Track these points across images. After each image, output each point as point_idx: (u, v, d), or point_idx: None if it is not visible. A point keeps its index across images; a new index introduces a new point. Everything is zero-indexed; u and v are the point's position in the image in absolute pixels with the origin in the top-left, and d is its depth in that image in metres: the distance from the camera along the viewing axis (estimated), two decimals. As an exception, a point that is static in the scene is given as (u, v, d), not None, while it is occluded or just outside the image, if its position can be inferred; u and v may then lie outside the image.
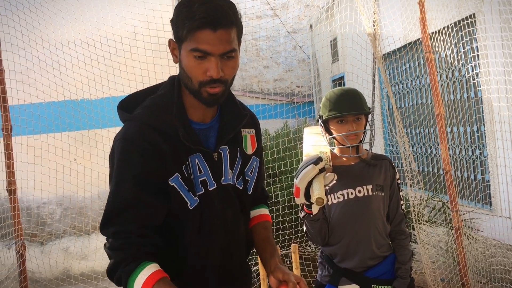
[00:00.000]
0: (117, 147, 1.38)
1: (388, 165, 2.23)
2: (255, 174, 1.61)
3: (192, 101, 1.45)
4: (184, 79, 1.41)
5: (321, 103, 2.25)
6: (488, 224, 4.45)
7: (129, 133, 1.38)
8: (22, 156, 4.39)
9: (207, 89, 1.36)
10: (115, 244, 1.32)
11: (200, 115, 1.48)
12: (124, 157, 1.36)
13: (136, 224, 1.32)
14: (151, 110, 1.41)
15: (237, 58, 1.41)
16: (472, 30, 4.42)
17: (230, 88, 1.55)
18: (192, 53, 1.34)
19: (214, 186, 1.47)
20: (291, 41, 11.59)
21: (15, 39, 4.23)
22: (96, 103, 5.28)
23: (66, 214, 5.66)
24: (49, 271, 5.19)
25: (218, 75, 1.34)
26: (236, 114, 1.55)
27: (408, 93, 6.32)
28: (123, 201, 1.33)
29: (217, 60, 1.33)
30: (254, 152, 1.61)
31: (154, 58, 4.78)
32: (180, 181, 1.39)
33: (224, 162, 1.50)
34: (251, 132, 1.62)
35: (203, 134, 1.48)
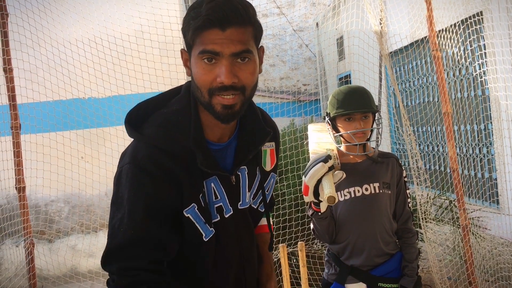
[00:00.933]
0: (125, 173, 1.21)
1: (395, 163, 2.23)
2: (271, 191, 1.49)
3: (208, 119, 1.27)
4: (195, 91, 1.23)
5: (328, 101, 2.25)
6: (495, 223, 4.44)
7: (139, 158, 1.21)
8: (30, 154, 4.43)
9: (219, 98, 1.18)
10: (121, 282, 1.16)
11: (217, 134, 1.31)
12: (135, 186, 1.19)
13: (147, 260, 1.18)
14: (164, 130, 1.23)
15: (255, 62, 1.21)
16: (479, 28, 4.41)
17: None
18: (201, 57, 1.17)
19: (231, 212, 1.33)
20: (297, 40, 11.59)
21: (24, 38, 4.26)
22: (103, 101, 5.31)
23: (74, 211, 5.70)
24: (57, 268, 5.23)
25: (230, 80, 1.15)
26: (258, 131, 1.36)
27: (415, 91, 6.30)
28: (133, 234, 1.17)
29: (228, 62, 1.15)
30: (272, 168, 1.46)
31: (161, 57, 4.81)
32: (196, 212, 1.25)
33: (242, 185, 1.35)
34: (271, 146, 1.46)
35: (219, 155, 1.31)
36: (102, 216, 5.49)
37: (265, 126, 1.38)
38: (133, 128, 1.26)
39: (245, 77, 1.18)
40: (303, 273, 2.89)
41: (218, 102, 1.18)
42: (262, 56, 1.29)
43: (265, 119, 1.44)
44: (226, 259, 1.35)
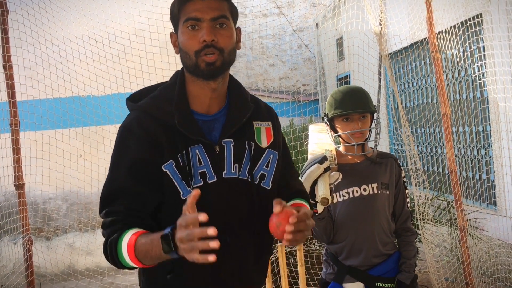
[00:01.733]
0: (117, 136, 1.43)
1: (394, 164, 2.24)
2: (272, 168, 1.53)
3: (196, 90, 1.46)
4: (183, 58, 1.42)
5: (326, 102, 2.26)
6: (493, 224, 4.45)
7: (128, 121, 1.43)
8: (30, 152, 4.42)
9: (203, 58, 1.37)
10: (105, 222, 1.34)
11: (204, 106, 1.47)
12: (120, 144, 1.41)
13: (124, 206, 1.34)
14: (154, 99, 1.45)
15: (232, 30, 1.43)
16: (478, 29, 4.42)
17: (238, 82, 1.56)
18: (185, 25, 1.38)
19: (214, 179, 1.43)
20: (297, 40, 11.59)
21: (24, 35, 4.26)
22: (103, 99, 5.30)
23: (72, 209, 5.70)
24: (55, 266, 5.23)
25: (210, 38, 1.35)
26: (242, 106, 1.52)
27: (414, 92, 6.31)
28: (116, 188, 1.36)
29: (208, 25, 1.37)
30: (270, 145, 1.54)
31: (161, 55, 4.81)
32: (173, 168, 1.39)
33: (227, 155, 1.45)
34: (267, 125, 1.56)
35: (206, 126, 1.46)
36: (100, 214, 5.50)
37: (248, 102, 1.53)
38: (130, 101, 1.48)
39: (223, 40, 1.39)
40: (301, 272, 2.90)
41: (202, 61, 1.37)
42: (239, 36, 1.49)
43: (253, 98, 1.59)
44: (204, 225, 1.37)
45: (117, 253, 1.29)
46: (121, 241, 1.28)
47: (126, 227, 1.30)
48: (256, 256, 1.52)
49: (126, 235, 1.28)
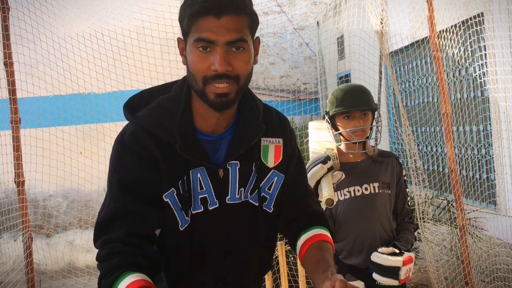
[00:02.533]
0: (113, 150, 1.27)
1: (395, 163, 2.24)
2: (275, 191, 1.38)
3: (201, 108, 1.28)
4: (190, 79, 1.24)
5: (327, 99, 2.26)
6: (492, 223, 4.46)
7: (125, 136, 1.26)
8: (30, 149, 4.43)
9: (213, 87, 1.18)
10: (101, 254, 1.18)
11: (210, 125, 1.30)
12: (117, 162, 1.25)
13: (124, 231, 1.18)
14: (154, 113, 1.26)
15: (250, 52, 1.22)
16: (480, 29, 4.42)
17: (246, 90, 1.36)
18: (196, 45, 1.17)
19: (216, 205, 1.30)
20: (298, 38, 11.59)
21: (25, 32, 4.26)
22: (103, 97, 5.31)
23: (72, 206, 5.70)
24: (55, 263, 5.24)
25: (224, 68, 1.15)
26: (253, 125, 1.33)
27: (414, 91, 6.31)
28: (113, 210, 1.21)
29: (222, 51, 1.16)
30: (276, 165, 1.37)
31: (161, 53, 4.81)
32: (174, 197, 1.25)
33: (231, 180, 1.31)
34: (277, 142, 1.38)
35: (211, 147, 1.30)
36: (100, 211, 5.51)
37: (260, 122, 1.34)
38: (128, 111, 1.30)
39: (239, 66, 1.19)
40: (301, 271, 2.89)
41: (212, 91, 1.19)
42: (258, 47, 1.30)
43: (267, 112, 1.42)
44: (204, 253, 1.31)
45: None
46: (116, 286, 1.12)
47: (123, 265, 1.14)
48: (256, 276, 1.46)
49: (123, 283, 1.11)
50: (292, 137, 1.45)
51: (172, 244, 1.29)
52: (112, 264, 1.14)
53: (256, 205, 1.35)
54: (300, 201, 1.43)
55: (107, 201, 1.24)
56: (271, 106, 1.47)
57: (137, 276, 1.12)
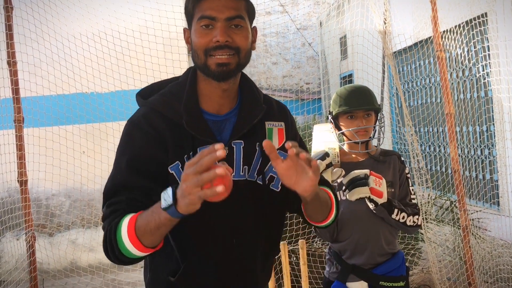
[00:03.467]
0: (124, 129, 1.38)
1: (397, 160, 2.23)
2: None
3: (207, 89, 1.40)
4: (194, 58, 1.37)
5: (331, 100, 2.26)
6: (496, 224, 4.44)
7: (136, 116, 1.38)
8: (33, 148, 4.43)
9: (214, 58, 1.30)
10: (105, 213, 1.28)
11: (215, 106, 1.41)
12: (126, 138, 1.36)
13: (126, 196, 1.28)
14: (164, 96, 1.39)
15: (248, 30, 1.36)
16: (483, 29, 4.40)
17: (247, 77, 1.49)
18: (199, 23, 1.32)
19: None
20: (300, 38, 11.58)
21: (28, 31, 4.27)
22: (106, 96, 5.31)
23: (75, 206, 5.71)
24: (58, 262, 5.25)
25: (224, 38, 1.28)
26: (254, 107, 1.45)
27: (417, 92, 6.30)
28: (119, 182, 1.31)
29: (223, 25, 1.30)
30: (281, 146, 1.46)
31: (165, 52, 4.81)
32: (180, 169, 1.32)
33: (236, 157, 1.39)
34: (279, 125, 1.50)
35: (216, 126, 1.40)
36: (103, 210, 5.51)
37: (261, 103, 1.46)
38: (140, 96, 1.44)
39: (239, 39, 1.32)
40: (303, 271, 2.89)
41: (213, 62, 1.31)
42: (255, 35, 1.43)
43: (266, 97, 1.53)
44: (211, 226, 1.36)
45: (116, 238, 1.20)
46: (120, 225, 1.20)
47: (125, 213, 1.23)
48: (263, 259, 1.49)
49: (126, 218, 1.21)
50: (293, 123, 1.57)
51: None
52: (117, 214, 1.24)
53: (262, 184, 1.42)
54: None
55: (114, 172, 1.34)
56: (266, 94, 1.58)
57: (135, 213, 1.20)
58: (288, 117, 1.55)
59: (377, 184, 1.94)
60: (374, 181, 1.94)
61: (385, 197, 1.96)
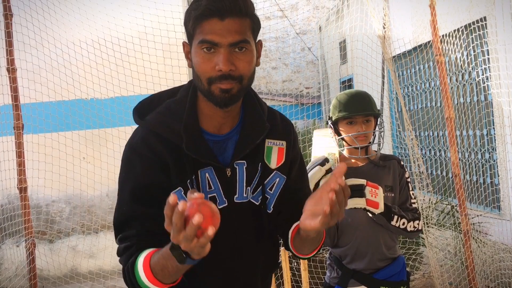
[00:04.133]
0: (123, 154, 1.33)
1: (396, 165, 2.23)
2: (276, 192, 1.41)
3: (207, 109, 1.34)
4: (196, 80, 1.30)
5: (331, 105, 2.26)
6: (497, 228, 4.43)
7: (134, 140, 1.32)
8: (32, 155, 4.43)
9: (218, 85, 1.23)
10: (119, 249, 1.27)
11: (216, 125, 1.35)
12: (127, 167, 1.31)
13: (136, 229, 1.25)
14: (162, 116, 1.32)
15: (252, 53, 1.28)
16: (483, 33, 4.41)
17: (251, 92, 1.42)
18: (200, 47, 1.23)
19: (225, 204, 1.33)
20: (300, 43, 11.60)
21: (28, 38, 4.27)
22: (106, 102, 5.31)
23: (75, 212, 5.70)
24: (58, 269, 5.23)
25: (227, 68, 1.21)
26: (258, 124, 1.38)
27: (417, 96, 6.30)
28: (124, 213, 1.28)
29: (226, 52, 1.22)
30: (279, 167, 1.41)
31: (164, 59, 4.81)
32: (183, 195, 1.28)
33: (239, 179, 1.35)
34: (280, 145, 1.43)
35: (218, 147, 1.35)
36: (103, 217, 5.49)
37: (264, 121, 1.40)
38: (137, 115, 1.35)
39: (242, 66, 1.24)
40: (304, 276, 2.88)
41: (217, 87, 1.24)
42: (260, 50, 1.35)
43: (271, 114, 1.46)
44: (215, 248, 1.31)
45: (136, 280, 1.20)
46: (136, 266, 1.19)
47: (139, 250, 1.22)
48: (263, 273, 1.48)
49: (140, 259, 1.19)
50: (295, 141, 1.49)
51: None
52: (130, 253, 1.23)
53: (257, 204, 1.38)
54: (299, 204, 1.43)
55: (119, 202, 1.30)
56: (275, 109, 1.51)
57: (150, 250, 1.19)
58: (291, 136, 1.48)
59: (373, 195, 1.92)
60: (370, 192, 1.92)
61: (382, 208, 1.94)
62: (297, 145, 1.52)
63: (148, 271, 1.16)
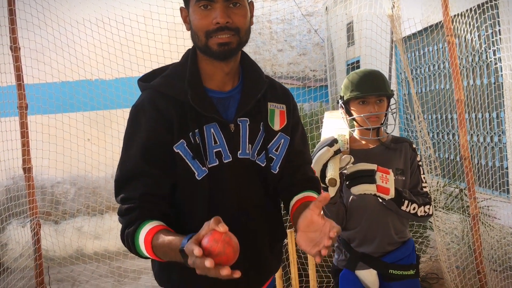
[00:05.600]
0: (129, 115, 1.38)
1: (408, 148, 2.18)
2: (282, 152, 1.48)
3: (208, 68, 1.40)
4: (193, 39, 1.37)
5: (342, 84, 2.20)
6: (505, 212, 4.39)
7: (139, 100, 1.38)
8: (36, 135, 4.40)
9: (215, 39, 1.31)
10: (121, 209, 1.31)
11: (218, 83, 1.42)
12: (132, 124, 1.36)
13: (139, 192, 1.29)
14: (165, 78, 1.39)
15: (246, 8, 1.36)
16: (496, 13, 4.30)
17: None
18: (197, 4, 1.31)
19: (230, 158, 1.38)
20: (306, 24, 11.47)
21: (30, 16, 4.20)
22: (111, 83, 5.26)
23: (80, 193, 5.70)
24: (63, 250, 5.25)
25: (224, 20, 1.29)
26: (257, 82, 1.47)
27: (426, 78, 6.21)
28: (129, 170, 1.32)
29: (222, 6, 1.30)
30: (282, 128, 1.49)
31: (169, 38, 4.74)
32: (185, 148, 1.34)
33: (242, 134, 1.41)
34: (281, 108, 1.51)
35: (221, 104, 1.41)
36: (108, 198, 5.49)
37: (263, 78, 1.48)
38: (141, 81, 1.43)
39: (238, 19, 1.32)
40: (310, 259, 2.86)
41: (214, 42, 1.31)
42: (252, 10, 1.43)
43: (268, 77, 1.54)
44: (222, 204, 1.38)
45: (134, 246, 1.26)
46: (137, 236, 1.24)
47: (141, 217, 1.27)
48: (270, 241, 1.50)
49: (143, 230, 1.24)
50: (295, 109, 1.57)
51: (188, 197, 1.37)
52: (131, 217, 1.27)
53: (263, 165, 1.43)
54: (298, 168, 1.56)
55: (123, 158, 1.35)
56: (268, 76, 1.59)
57: (154, 223, 1.24)
58: (290, 101, 1.55)
59: (384, 181, 1.88)
60: (381, 178, 1.88)
61: (392, 194, 1.89)
62: (298, 113, 1.60)
63: (149, 247, 1.22)
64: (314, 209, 1.17)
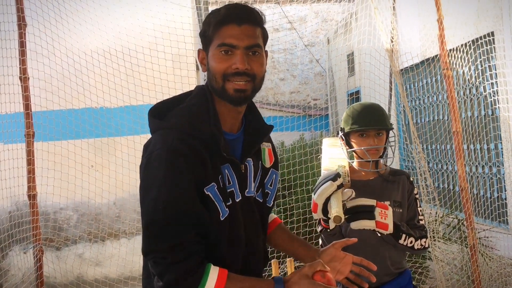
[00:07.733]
0: (157, 158, 1.33)
1: (406, 181, 2.23)
2: (274, 187, 1.61)
3: (222, 110, 1.45)
4: (211, 81, 1.42)
5: (343, 116, 2.27)
6: (504, 243, 4.40)
7: (170, 142, 1.33)
8: (42, 162, 4.47)
9: (232, 83, 1.37)
10: (177, 257, 1.28)
11: (229, 125, 1.48)
12: (169, 166, 1.31)
13: (193, 232, 1.31)
14: (188, 119, 1.39)
15: (263, 57, 1.44)
16: (490, 48, 4.42)
17: None
18: (219, 49, 1.37)
19: (240, 197, 1.46)
20: (308, 54, 11.65)
21: (40, 48, 4.33)
22: (115, 111, 5.35)
23: (82, 220, 5.72)
24: (64, 276, 5.24)
25: (244, 66, 1.35)
26: (261, 126, 1.55)
27: (424, 109, 6.30)
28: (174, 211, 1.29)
29: (242, 53, 1.36)
30: (272, 165, 1.61)
31: (173, 69, 4.86)
32: (215, 191, 1.38)
33: (249, 174, 1.49)
34: (268, 146, 1.63)
35: (232, 145, 1.47)
36: (110, 225, 5.51)
37: (265, 123, 1.57)
38: (157, 119, 1.42)
39: (256, 67, 1.39)
40: None
41: (231, 87, 1.37)
42: (267, 58, 1.49)
43: None
44: (236, 239, 1.45)
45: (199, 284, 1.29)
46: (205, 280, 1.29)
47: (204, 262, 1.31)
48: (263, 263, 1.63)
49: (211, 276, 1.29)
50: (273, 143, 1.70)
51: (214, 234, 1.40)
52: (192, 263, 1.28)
53: (261, 201, 1.54)
54: None
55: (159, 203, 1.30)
56: None
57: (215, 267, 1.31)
58: (270, 139, 1.68)
59: (383, 217, 1.93)
60: (380, 214, 1.92)
61: (391, 229, 1.93)
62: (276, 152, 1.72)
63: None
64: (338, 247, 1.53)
